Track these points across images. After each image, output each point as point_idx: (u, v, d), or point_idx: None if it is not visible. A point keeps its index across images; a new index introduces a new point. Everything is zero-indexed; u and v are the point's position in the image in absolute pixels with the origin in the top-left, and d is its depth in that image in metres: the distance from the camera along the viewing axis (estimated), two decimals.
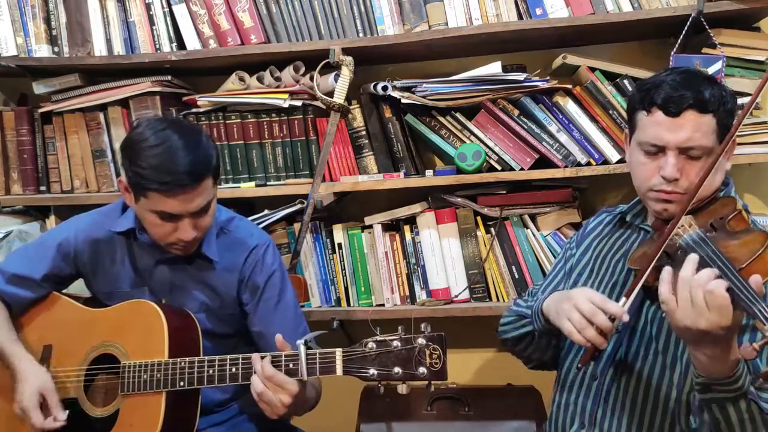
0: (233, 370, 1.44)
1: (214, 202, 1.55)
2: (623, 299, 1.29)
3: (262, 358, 1.40)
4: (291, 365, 1.39)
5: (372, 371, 1.33)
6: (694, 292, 1.11)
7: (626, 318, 1.27)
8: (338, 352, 1.36)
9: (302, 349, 1.38)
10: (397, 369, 1.32)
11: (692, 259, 1.15)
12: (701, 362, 1.16)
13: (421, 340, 1.32)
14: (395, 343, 1.33)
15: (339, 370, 1.35)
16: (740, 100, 1.84)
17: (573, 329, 1.29)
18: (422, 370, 1.31)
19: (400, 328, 1.35)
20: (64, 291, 1.72)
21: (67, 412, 1.54)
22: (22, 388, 1.53)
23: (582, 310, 1.28)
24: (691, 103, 1.29)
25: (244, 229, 1.70)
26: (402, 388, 1.35)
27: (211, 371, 1.45)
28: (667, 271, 1.17)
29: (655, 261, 1.25)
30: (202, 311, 1.63)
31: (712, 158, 1.31)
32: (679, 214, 1.27)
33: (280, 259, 1.71)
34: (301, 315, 1.70)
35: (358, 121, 2.08)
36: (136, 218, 1.60)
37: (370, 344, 1.34)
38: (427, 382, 1.34)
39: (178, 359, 1.48)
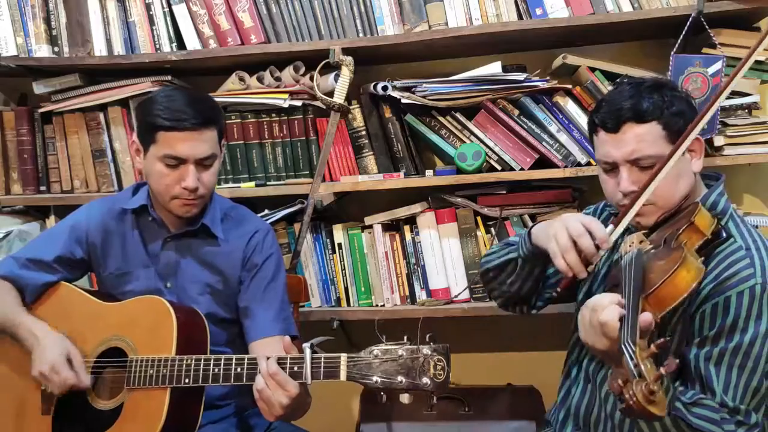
0: (238, 369, 1.45)
1: (218, 163, 1.63)
2: (611, 227, 1.30)
3: (268, 358, 1.41)
4: (296, 368, 1.39)
5: (375, 379, 1.32)
6: (591, 316, 1.16)
7: (607, 246, 1.28)
8: (343, 358, 1.35)
9: (308, 352, 1.37)
10: (400, 378, 1.31)
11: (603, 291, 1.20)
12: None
13: (426, 351, 1.31)
14: (400, 352, 1.32)
15: (343, 376, 1.35)
16: (740, 100, 1.86)
17: (557, 251, 1.29)
18: (426, 380, 1.30)
19: (405, 337, 1.34)
20: (75, 283, 1.72)
21: (91, 375, 1.55)
22: (46, 351, 1.53)
23: (570, 229, 1.28)
24: (628, 116, 1.30)
25: (247, 215, 1.77)
26: (405, 398, 1.34)
27: (216, 370, 1.46)
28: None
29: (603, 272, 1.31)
30: (207, 293, 1.66)
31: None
32: (623, 214, 1.30)
33: (278, 246, 1.76)
34: (287, 303, 1.72)
35: (358, 121, 2.08)
36: (148, 196, 1.67)
37: (375, 351, 1.33)
38: (430, 393, 1.34)
39: (185, 356, 1.49)
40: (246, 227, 1.72)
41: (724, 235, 1.29)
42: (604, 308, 1.14)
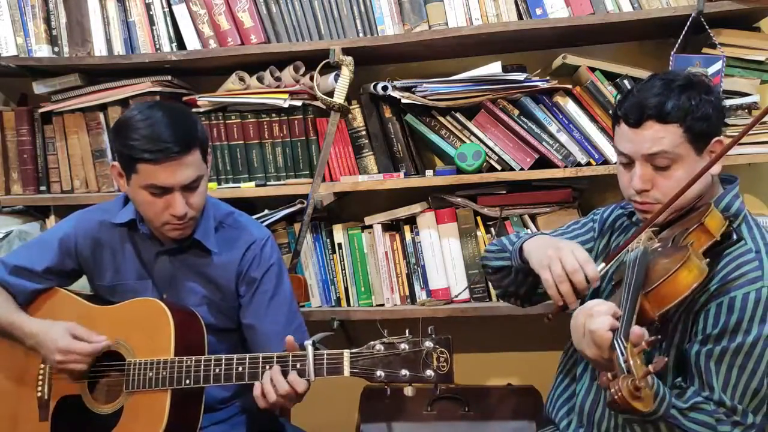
0: (240, 369, 1.45)
1: (204, 181, 1.57)
2: (602, 264, 1.32)
3: (271, 367, 1.40)
4: (299, 365, 1.39)
5: (379, 373, 1.33)
6: (586, 321, 1.18)
7: (597, 283, 1.31)
8: (346, 354, 1.36)
9: (310, 349, 1.38)
10: (404, 371, 1.32)
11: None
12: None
13: (428, 343, 1.32)
14: (402, 345, 1.33)
15: (346, 371, 1.35)
16: (741, 100, 1.86)
17: (551, 281, 1.31)
18: (429, 372, 1.32)
19: (407, 330, 1.35)
20: (68, 288, 1.71)
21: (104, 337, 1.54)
22: (49, 340, 1.53)
23: (565, 263, 1.30)
24: (650, 114, 1.29)
25: (243, 223, 1.71)
26: (408, 390, 1.35)
27: (217, 370, 1.46)
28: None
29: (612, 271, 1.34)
30: (203, 304, 1.64)
31: (686, 167, 1.30)
32: (639, 231, 1.32)
33: (278, 253, 1.71)
34: (296, 311, 1.70)
35: (358, 121, 2.08)
36: (136, 210, 1.62)
37: (378, 346, 1.34)
38: (433, 385, 1.34)
39: (185, 357, 1.48)
40: (242, 238, 1.67)
41: (735, 237, 1.29)
42: (599, 315, 1.16)
